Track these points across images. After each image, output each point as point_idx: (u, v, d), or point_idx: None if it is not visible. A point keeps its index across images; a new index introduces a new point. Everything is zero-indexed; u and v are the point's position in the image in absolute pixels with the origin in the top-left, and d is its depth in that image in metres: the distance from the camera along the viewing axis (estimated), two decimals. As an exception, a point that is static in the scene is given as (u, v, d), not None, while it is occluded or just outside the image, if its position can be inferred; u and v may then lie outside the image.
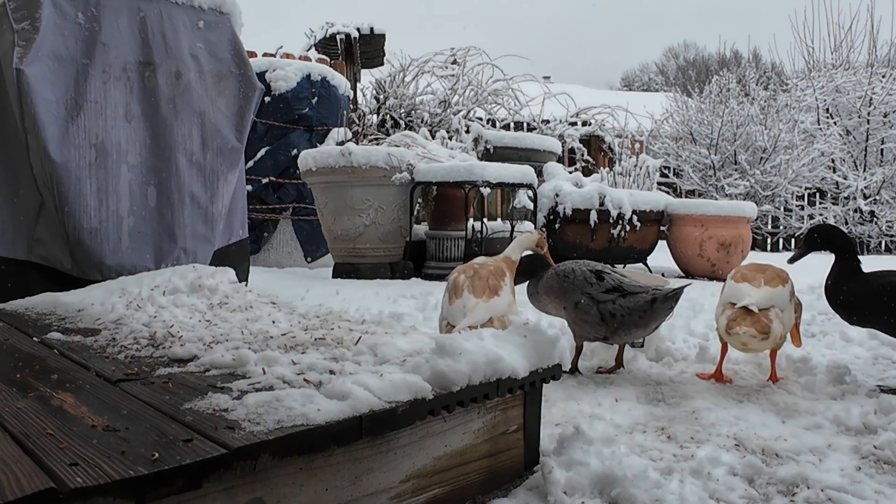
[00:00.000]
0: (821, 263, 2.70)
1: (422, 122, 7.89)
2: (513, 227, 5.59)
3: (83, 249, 2.71)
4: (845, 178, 9.74)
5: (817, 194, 10.05)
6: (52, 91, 2.63)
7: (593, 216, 5.07)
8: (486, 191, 4.70)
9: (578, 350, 2.32)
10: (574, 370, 2.30)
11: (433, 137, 6.26)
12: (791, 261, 2.35)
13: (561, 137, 8.91)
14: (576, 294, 2.22)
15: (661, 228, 5.61)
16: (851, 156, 10.03)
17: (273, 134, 5.87)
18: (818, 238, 2.27)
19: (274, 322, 1.87)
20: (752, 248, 8.53)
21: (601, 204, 5.10)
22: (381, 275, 4.84)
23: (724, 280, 2.34)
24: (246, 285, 2.51)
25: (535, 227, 5.24)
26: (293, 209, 5.92)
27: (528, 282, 2.40)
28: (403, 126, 7.79)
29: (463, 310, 2.05)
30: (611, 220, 5.14)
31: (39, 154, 2.62)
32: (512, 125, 8.99)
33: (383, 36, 8.22)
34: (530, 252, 2.43)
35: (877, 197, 9.62)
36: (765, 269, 2.27)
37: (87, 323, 1.93)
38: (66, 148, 2.66)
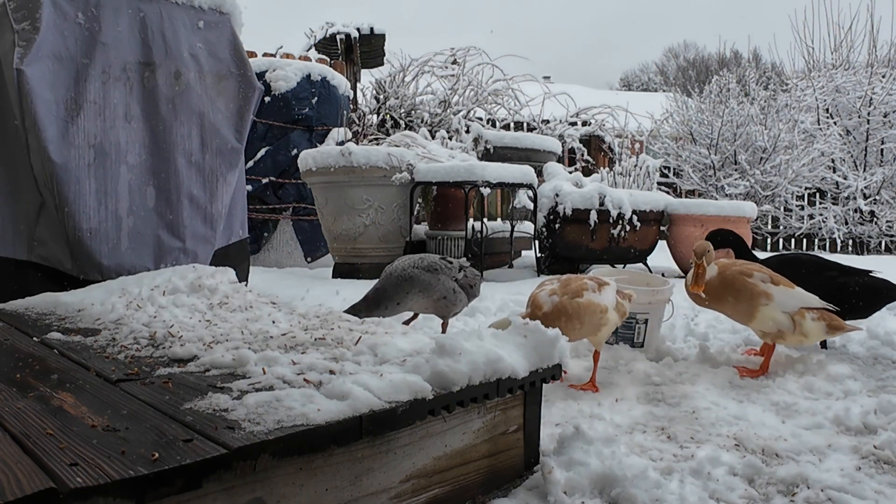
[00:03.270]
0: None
1: (422, 122, 7.89)
2: (513, 227, 5.59)
3: (83, 249, 2.71)
4: (845, 178, 9.74)
5: (817, 194, 10.05)
6: (52, 91, 2.63)
7: (593, 216, 5.07)
8: (486, 191, 4.70)
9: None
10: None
11: (433, 137, 6.26)
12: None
13: (561, 137, 8.91)
14: (447, 280, 2.59)
15: (661, 228, 5.61)
16: (851, 156, 10.03)
17: (273, 134, 5.87)
18: (718, 238, 2.72)
19: (274, 322, 1.87)
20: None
21: (601, 204, 5.10)
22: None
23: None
24: (246, 285, 2.51)
25: (535, 227, 5.25)
26: (293, 209, 5.92)
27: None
28: (403, 126, 7.79)
29: None
30: (611, 220, 5.14)
31: (39, 154, 2.62)
32: (512, 125, 8.99)
33: (383, 36, 8.22)
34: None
35: (877, 197, 9.61)
36: (760, 268, 2.42)
37: (87, 323, 1.93)
38: (66, 148, 2.66)
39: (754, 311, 2.31)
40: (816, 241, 10.01)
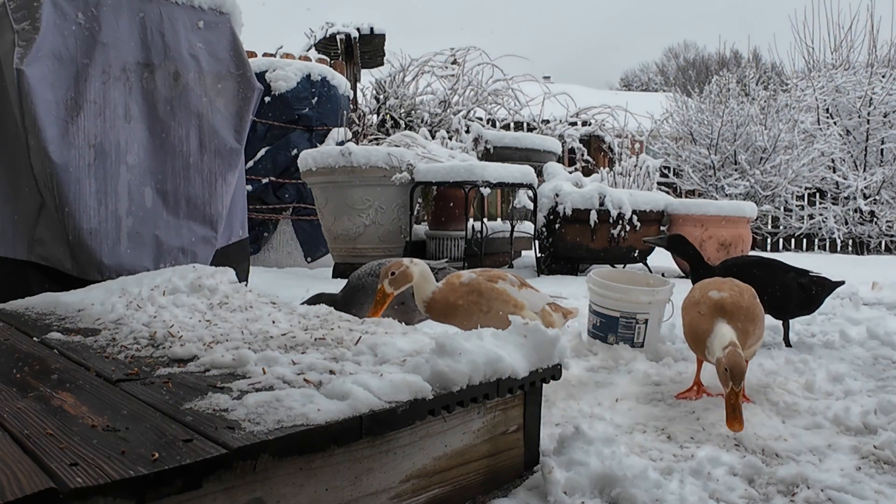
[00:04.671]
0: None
1: (422, 122, 7.89)
2: (513, 227, 5.59)
3: (83, 249, 2.71)
4: (845, 178, 9.73)
5: (817, 194, 10.05)
6: (52, 91, 2.63)
7: (593, 216, 5.07)
8: (486, 191, 4.70)
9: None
10: None
11: (433, 137, 6.26)
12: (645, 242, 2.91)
13: (561, 137, 8.91)
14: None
15: (661, 228, 5.61)
16: (851, 156, 10.03)
17: (273, 134, 5.87)
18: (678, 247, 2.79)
19: (274, 322, 1.87)
20: (752, 248, 8.52)
21: (601, 204, 5.10)
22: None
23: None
24: (246, 285, 2.51)
25: (535, 227, 5.25)
26: (293, 209, 5.92)
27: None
28: (403, 126, 7.79)
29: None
30: (611, 220, 5.14)
31: (39, 154, 2.62)
32: (512, 125, 8.99)
33: (383, 36, 8.22)
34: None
35: (877, 197, 9.61)
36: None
37: (87, 323, 1.93)
38: (66, 148, 2.66)
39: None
40: (816, 241, 10.02)
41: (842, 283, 2.72)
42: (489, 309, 1.97)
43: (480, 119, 8.67)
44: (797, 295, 2.65)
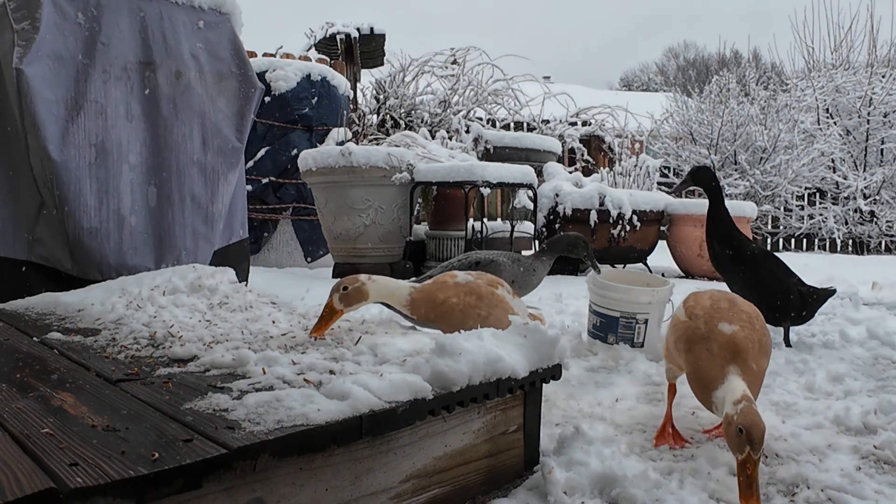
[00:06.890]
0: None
1: (422, 122, 7.89)
2: (513, 227, 5.59)
3: (83, 249, 2.71)
4: (845, 178, 9.74)
5: (817, 194, 10.05)
6: (52, 91, 2.63)
7: (593, 216, 5.07)
8: (486, 191, 4.70)
9: None
10: None
11: (433, 137, 6.26)
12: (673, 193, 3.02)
13: (561, 137, 8.90)
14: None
15: (661, 228, 5.61)
16: (851, 156, 10.03)
17: (273, 134, 5.87)
18: (699, 174, 2.88)
19: (274, 322, 1.87)
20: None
21: (601, 204, 5.10)
22: (381, 275, 4.83)
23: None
24: (246, 285, 2.51)
25: (535, 227, 5.24)
26: (293, 209, 5.92)
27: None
28: (403, 126, 7.79)
29: None
30: (611, 220, 5.14)
31: (39, 154, 2.62)
32: (512, 125, 8.99)
33: (383, 36, 8.22)
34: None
35: (877, 197, 9.61)
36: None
37: (87, 323, 1.93)
38: (66, 148, 2.66)
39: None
40: (816, 241, 10.02)
41: (834, 291, 2.74)
42: (488, 315, 1.87)
43: (480, 119, 8.67)
44: (796, 303, 2.65)
